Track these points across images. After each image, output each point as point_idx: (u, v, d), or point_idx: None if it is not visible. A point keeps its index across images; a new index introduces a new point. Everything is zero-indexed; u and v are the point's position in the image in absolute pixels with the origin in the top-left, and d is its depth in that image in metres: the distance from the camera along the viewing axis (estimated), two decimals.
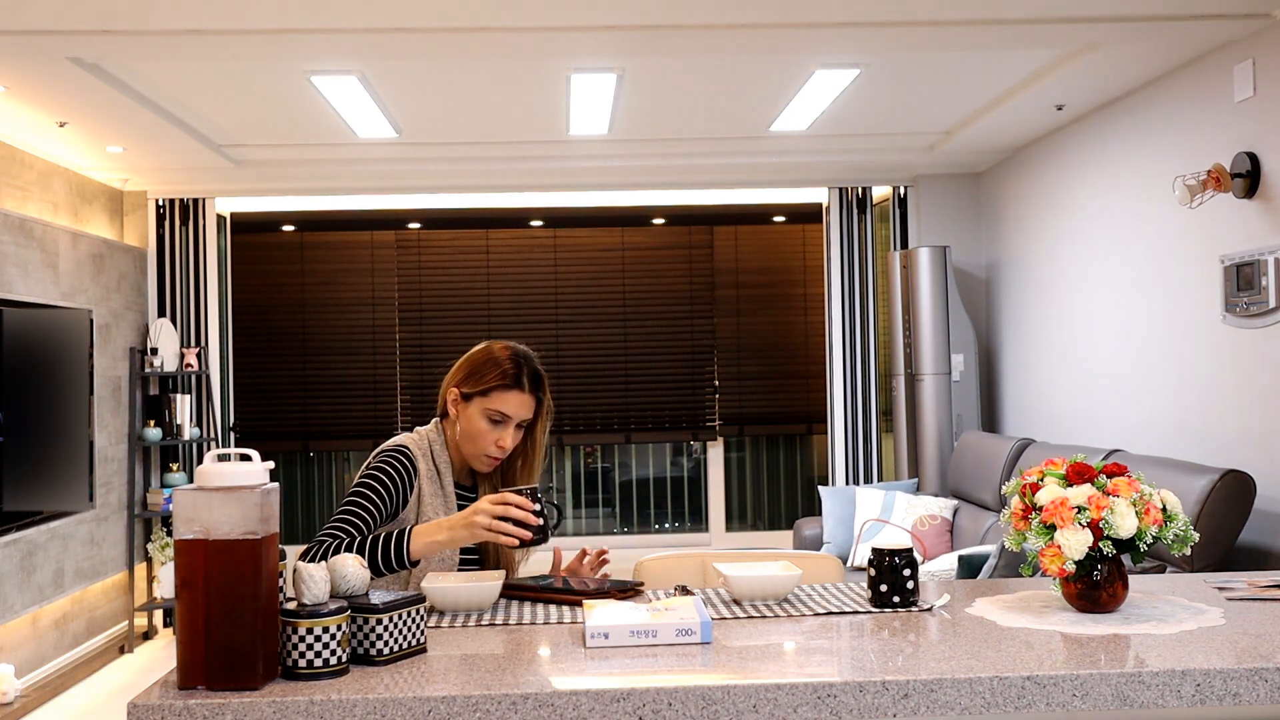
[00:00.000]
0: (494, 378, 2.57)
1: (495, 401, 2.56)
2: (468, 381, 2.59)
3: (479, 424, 2.57)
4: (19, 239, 5.10)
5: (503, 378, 2.57)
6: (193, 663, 1.74)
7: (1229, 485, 3.72)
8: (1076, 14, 3.95)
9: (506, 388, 2.57)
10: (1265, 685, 1.78)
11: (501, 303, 7.02)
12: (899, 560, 2.24)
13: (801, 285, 7.17)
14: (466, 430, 2.59)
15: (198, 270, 6.61)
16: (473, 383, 2.58)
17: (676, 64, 4.61)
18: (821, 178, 6.77)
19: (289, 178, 6.52)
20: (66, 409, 5.39)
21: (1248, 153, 4.00)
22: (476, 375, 2.59)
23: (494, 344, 2.65)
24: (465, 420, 2.59)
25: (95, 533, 5.79)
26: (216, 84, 4.79)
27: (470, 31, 3.96)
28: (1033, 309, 5.98)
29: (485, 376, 2.58)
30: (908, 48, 4.32)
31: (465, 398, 2.59)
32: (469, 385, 2.59)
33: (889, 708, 1.74)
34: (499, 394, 2.56)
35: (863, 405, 6.76)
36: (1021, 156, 6.12)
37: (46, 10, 3.71)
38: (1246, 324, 4.06)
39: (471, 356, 2.64)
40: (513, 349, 2.63)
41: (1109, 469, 2.20)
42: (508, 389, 2.57)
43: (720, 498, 7.25)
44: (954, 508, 5.71)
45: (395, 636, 1.89)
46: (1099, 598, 2.12)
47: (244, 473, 1.78)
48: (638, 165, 6.41)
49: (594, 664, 1.88)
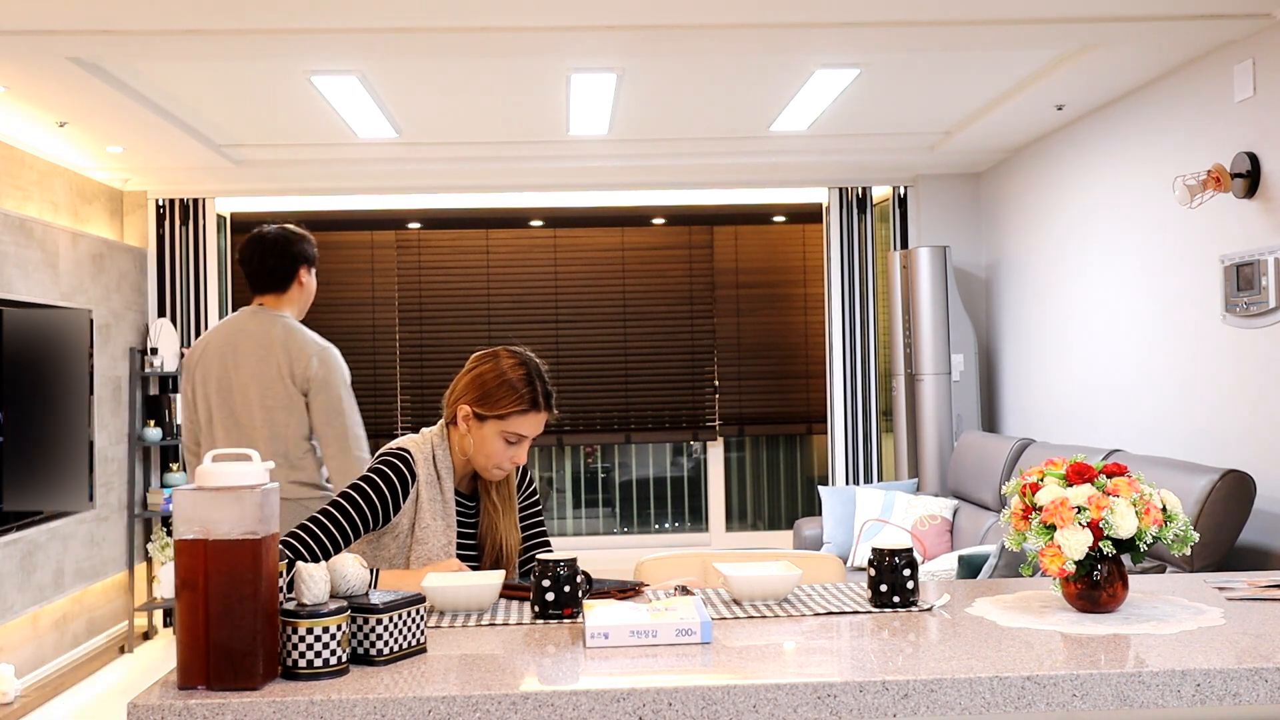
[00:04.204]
0: (511, 403, 2.54)
1: (513, 425, 2.55)
2: (483, 403, 2.56)
3: (495, 444, 2.55)
4: (19, 239, 5.10)
5: (520, 402, 2.55)
6: (193, 663, 1.74)
7: (1229, 485, 3.72)
8: (1076, 14, 3.95)
9: (524, 412, 2.55)
10: (1265, 685, 1.78)
11: (501, 303, 7.02)
12: (899, 560, 2.24)
13: (801, 285, 7.17)
14: (481, 448, 2.57)
15: (198, 270, 6.61)
16: (488, 405, 2.55)
17: (676, 64, 4.61)
18: (821, 178, 6.77)
19: (289, 178, 6.52)
20: (66, 409, 5.39)
21: (1248, 153, 4.00)
22: (492, 399, 2.55)
23: (503, 358, 2.60)
24: (480, 440, 2.56)
25: (95, 533, 5.79)
26: (216, 84, 4.79)
27: (470, 31, 3.96)
28: (1033, 309, 5.98)
29: (501, 401, 2.55)
30: (908, 48, 4.32)
31: (479, 418, 2.56)
32: (484, 407, 2.55)
33: (889, 708, 1.74)
34: (516, 418, 2.55)
35: (863, 405, 6.76)
36: (1021, 156, 6.12)
37: (46, 10, 3.71)
38: (1246, 324, 4.06)
39: (483, 375, 2.58)
40: (525, 365, 2.60)
41: (1109, 469, 2.20)
42: (525, 413, 2.56)
43: (720, 498, 7.25)
44: (954, 508, 5.71)
45: (395, 636, 1.89)
46: (1099, 598, 2.12)
47: (244, 473, 1.78)
48: (638, 165, 6.41)
49: (594, 664, 1.88)
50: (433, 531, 2.55)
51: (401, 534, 2.55)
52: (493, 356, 2.62)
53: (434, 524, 2.55)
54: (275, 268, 3.60)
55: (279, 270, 3.61)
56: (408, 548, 2.55)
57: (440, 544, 2.55)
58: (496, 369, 2.58)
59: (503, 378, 2.56)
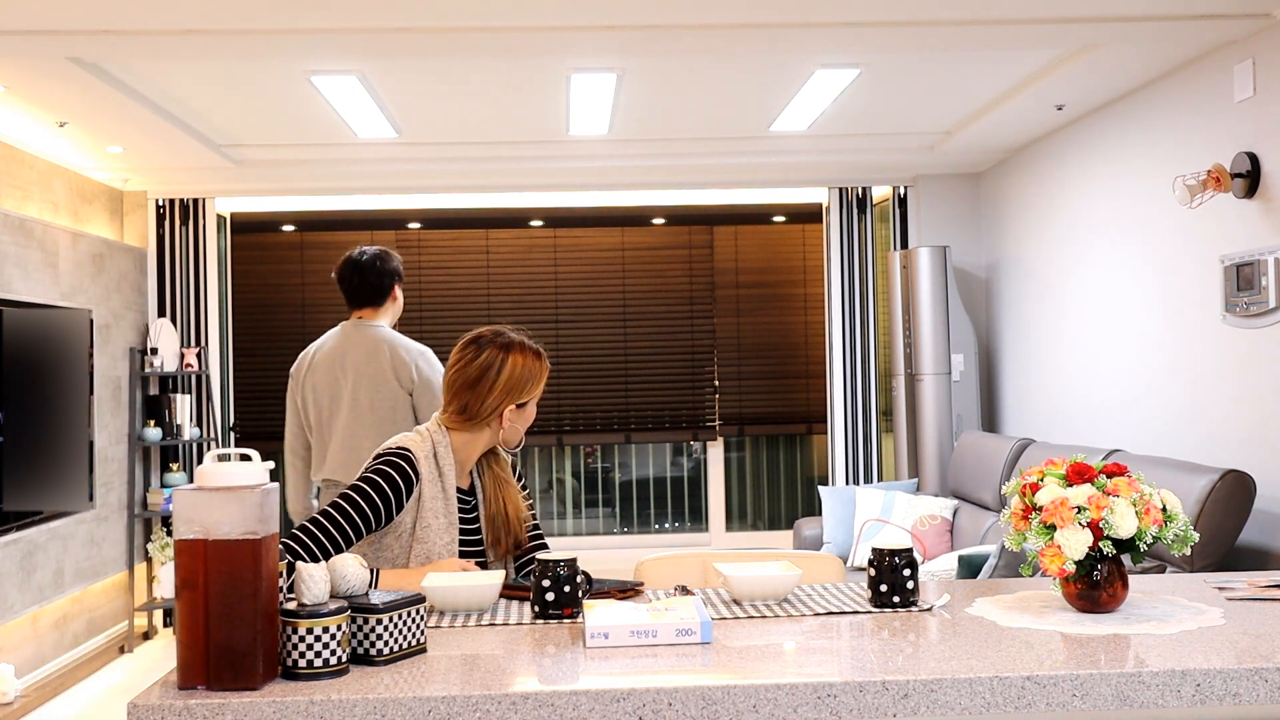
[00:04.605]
0: (540, 379, 2.71)
1: (539, 389, 2.72)
2: (519, 393, 2.66)
3: (528, 413, 2.71)
4: (19, 239, 5.10)
5: (544, 373, 2.72)
6: (193, 663, 1.74)
7: (1229, 485, 3.72)
8: (1076, 14, 3.95)
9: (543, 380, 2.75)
10: (1265, 685, 1.78)
11: (501, 303, 7.02)
12: (899, 560, 2.24)
13: (801, 285, 7.17)
14: (518, 427, 2.70)
15: (198, 270, 6.61)
16: (527, 391, 2.68)
17: (676, 64, 4.61)
18: (821, 178, 6.77)
19: (289, 178, 6.52)
20: (66, 409, 5.39)
21: (1248, 153, 4.00)
22: (526, 387, 2.68)
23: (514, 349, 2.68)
24: (522, 420, 2.70)
25: (95, 533, 5.79)
26: (216, 84, 4.79)
27: (470, 31, 3.96)
28: (1033, 309, 5.98)
29: (530, 383, 2.68)
30: (908, 48, 4.32)
31: (521, 406, 2.68)
32: (523, 395, 2.67)
33: (889, 708, 1.74)
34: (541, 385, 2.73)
35: (863, 405, 6.76)
36: (1021, 156, 6.12)
37: (46, 10, 3.71)
38: (1246, 324, 4.06)
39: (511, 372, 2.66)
40: (524, 341, 2.72)
41: (1109, 469, 2.20)
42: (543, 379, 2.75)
43: (720, 498, 7.25)
44: (954, 508, 5.71)
45: (395, 636, 1.89)
46: (1099, 598, 2.12)
47: (244, 473, 1.78)
48: (638, 165, 6.41)
49: (594, 664, 1.88)
50: (434, 530, 2.55)
51: (404, 533, 2.55)
52: (502, 350, 2.67)
53: (435, 522, 2.55)
54: (374, 284, 4.08)
55: (377, 286, 4.09)
56: (409, 547, 2.55)
57: (442, 542, 2.55)
58: (518, 361, 2.67)
59: (527, 365, 2.68)
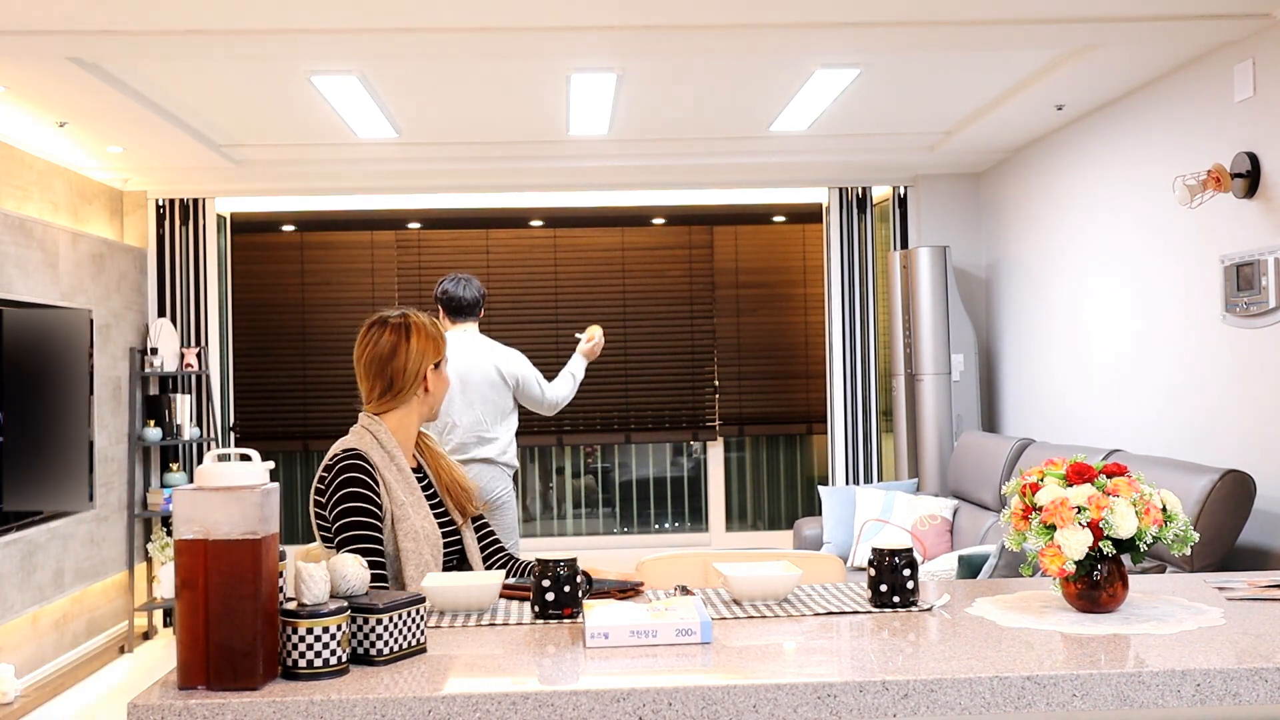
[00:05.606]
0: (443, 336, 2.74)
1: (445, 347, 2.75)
2: (435, 352, 2.70)
3: (444, 374, 2.74)
4: (19, 239, 5.10)
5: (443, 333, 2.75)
6: (193, 663, 1.74)
7: (1229, 485, 3.72)
8: (1076, 14, 3.95)
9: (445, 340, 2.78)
10: (1265, 685, 1.78)
11: (501, 303, 7.02)
12: (899, 560, 2.24)
13: (801, 285, 7.17)
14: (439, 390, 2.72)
15: (198, 270, 6.61)
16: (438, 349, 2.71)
17: (676, 64, 4.61)
18: (821, 178, 6.77)
19: (289, 178, 6.52)
20: (66, 409, 5.39)
21: (1248, 153, 4.00)
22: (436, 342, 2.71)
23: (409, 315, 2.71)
24: (440, 384, 2.72)
25: (95, 533, 5.79)
26: (216, 84, 4.79)
27: (470, 31, 3.96)
28: (1033, 309, 5.98)
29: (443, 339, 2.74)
30: (908, 48, 4.32)
31: (436, 366, 2.71)
32: (438, 354, 2.71)
33: (889, 708, 1.74)
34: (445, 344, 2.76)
35: (863, 405, 6.76)
36: (1021, 156, 6.12)
37: (46, 10, 3.71)
38: (1246, 324, 4.06)
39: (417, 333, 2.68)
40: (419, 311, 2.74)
41: (1109, 469, 2.20)
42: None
43: (720, 498, 7.25)
44: (954, 508, 5.71)
45: (395, 636, 1.89)
46: (1099, 598, 2.12)
47: (244, 473, 1.78)
48: (638, 165, 6.41)
49: (594, 664, 1.88)
50: (409, 508, 2.59)
51: (389, 521, 2.57)
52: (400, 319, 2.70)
53: (407, 500, 2.60)
54: (474, 302, 4.97)
55: (476, 303, 4.98)
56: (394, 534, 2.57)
57: (420, 516, 2.60)
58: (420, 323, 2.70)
59: (429, 326, 2.71)
